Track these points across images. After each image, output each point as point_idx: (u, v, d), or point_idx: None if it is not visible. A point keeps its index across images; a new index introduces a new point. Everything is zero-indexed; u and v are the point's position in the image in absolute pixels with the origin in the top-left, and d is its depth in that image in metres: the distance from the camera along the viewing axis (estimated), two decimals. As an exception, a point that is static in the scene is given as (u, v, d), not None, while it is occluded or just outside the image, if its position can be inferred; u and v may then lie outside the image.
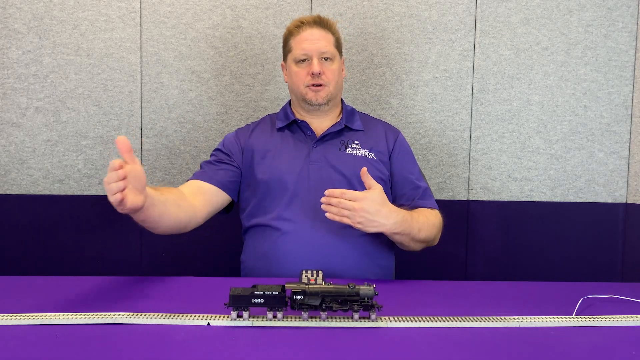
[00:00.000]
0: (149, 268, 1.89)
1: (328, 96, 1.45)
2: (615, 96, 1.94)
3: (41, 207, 1.87)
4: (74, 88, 1.87)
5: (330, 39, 1.46)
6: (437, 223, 1.43)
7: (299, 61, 1.45)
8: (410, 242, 1.36)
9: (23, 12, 1.84)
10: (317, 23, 1.46)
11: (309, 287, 0.93)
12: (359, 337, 0.89)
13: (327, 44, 1.45)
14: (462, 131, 1.93)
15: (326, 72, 1.44)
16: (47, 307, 0.99)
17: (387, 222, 1.26)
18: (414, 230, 1.33)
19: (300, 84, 1.45)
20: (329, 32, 1.47)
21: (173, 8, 1.88)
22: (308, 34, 1.45)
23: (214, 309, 0.98)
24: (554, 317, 0.99)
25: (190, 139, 1.90)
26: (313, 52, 1.43)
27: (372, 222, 1.24)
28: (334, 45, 1.47)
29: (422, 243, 1.39)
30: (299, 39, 1.45)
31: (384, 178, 1.45)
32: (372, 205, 1.23)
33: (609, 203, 1.96)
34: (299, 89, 1.46)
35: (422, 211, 1.42)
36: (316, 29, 1.45)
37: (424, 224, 1.36)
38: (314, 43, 1.44)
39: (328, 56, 1.45)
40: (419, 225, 1.35)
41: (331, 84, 1.45)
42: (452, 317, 0.97)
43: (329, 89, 1.44)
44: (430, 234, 1.39)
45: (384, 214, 1.25)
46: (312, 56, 1.43)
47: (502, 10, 1.91)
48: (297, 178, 1.40)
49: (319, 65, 1.42)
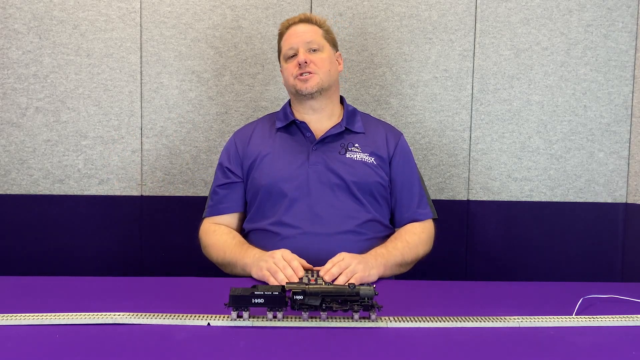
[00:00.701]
0: (149, 268, 1.89)
1: (318, 84, 1.44)
2: (615, 96, 1.94)
3: (41, 207, 1.87)
4: (74, 88, 1.87)
5: (317, 31, 1.48)
6: (424, 239, 1.44)
7: (288, 58, 1.47)
8: (400, 268, 1.38)
9: (23, 12, 1.84)
10: (303, 20, 1.49)
11: (309, 287, 0.93)
12: (359, 337, 0.89)
13: (312, 35, 1.47)
14: (462, 131, 1.93)
15: (314, 61, 1.44)
16: (47, 307, 0.98)
17: (374, 261, 1.27)
18: (398, 259, 1.35)
19: (290, 77, 1.46)
20: (316, 25, 1.49)
21: (173, 8, 1.88)
22: (293, 30, 1.48)
23: (214, 309, 0.98)
24: (554, 317, 0.99)
25: (190, 139, 1.90)
26: (299, 44, 1.45)
27: (369, 270, 1.24)
28: (323, 37, 1.49)
29: (411, 264, 1.41)
30: (286, 37, 1.49)
31: (384, 183, 1.45)
32: (351, 255, 1.24)
33: (609, 203, 1.96)
34: (290, 83, 1.47)
35: (402, 234, 1.42)
36: (301, 25, 1.48)
37: (404, 249, 1.37)
38: (299, 36, 1.46)
39: (315, 47, 1.46)
40: (398, 252, 1.35)
41: (320, 71, 1.44)
42: (452, 317, 0.97)
43: (318, 76, 1.44)
44: (416, 254, 1.41)
45: (366, 259, 1.26)
46: (298, 47, 1.45)
47: (502, 10, 1.91)
48: (297, 182, 1.40)
49: (305, 55, 1.43)
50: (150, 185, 1.90)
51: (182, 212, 1.89)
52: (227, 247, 1.37)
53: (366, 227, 1.39)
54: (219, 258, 1.39)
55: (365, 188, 1.41)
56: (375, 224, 1.42)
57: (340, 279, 1.18)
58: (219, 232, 1.43)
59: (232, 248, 1.36)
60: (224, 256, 1.37)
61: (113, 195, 1.88)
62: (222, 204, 1.47)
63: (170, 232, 1.89)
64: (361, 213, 1.40)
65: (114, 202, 1.88)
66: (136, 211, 1.89)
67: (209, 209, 1.49)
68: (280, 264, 1.20)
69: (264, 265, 1.22)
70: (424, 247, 1.44)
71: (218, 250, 1.39)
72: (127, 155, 1.89)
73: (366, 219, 1.39)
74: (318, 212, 1.37)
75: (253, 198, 1.44)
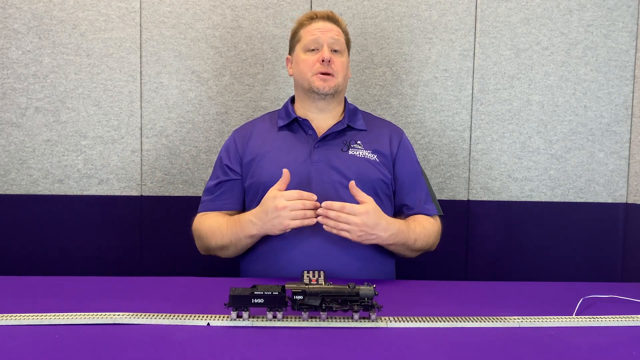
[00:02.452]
0: (149, 268, 1.89)
1: (335, 87, 1.43)
2: (615, 96, 1.94)
3: (41, 207, 1.87)
4: (74, 88, 1.87)
5: (341, 33, 1.47)
6: (435, 231, 1.44)
7: (309, 50, 1.45)
8: (405, 251, 1.37)
9: (23, 12, 1.84)
10: (330, 18, 1.48)
11: (309, 287, 0.93)
12: (359, 337, 0.89)
13: (338, 35, 1.45)
14: (462, 131, 1.93)
15: (336, 62, 1.43)
16: (47, 307, 0.98)
17: (384, 234, 1.27)
18: (410, 241, 1.35)
19: (307, 71, 1.43)
20: (340, 28, 1.48)
21: (173, 8, 1.88)
22: (320, 24, 1.46)
23: (214, 309, 0.98)
24: (554, 317, 0.99)
25: (190, 139, 1.90)
26: (324, 40, 1.43)
27: (371, 235, 1.25)
28: (344, 41, 1.48)
29: (417, 252, 1.41)
30: (309, 29, 1.46)
31: (387, 181, 1.44)
32: (372, 219, 1.24)
33: (609, 203, 1.96)
34: (306, 77, 1.44)
35: (421, 220, 1.42)
36: (328, 22, 1.47)
37: (420, 234, 1.37)
38: (326, 33, 1.44)
39: (338, 48, 1.44)
40: (415, 235, 1.36)
41: (339, 75, 1.44)
42: (452, 317, 0.97)
43: (337, 80, 1.43)
44: (427, 244, 1.40)
45: (383, 227, 1.26)
46: (323, 43, 1.43)
47: (502, 10, 1.91)
48: (298, 180, 1.38)
49: (330, 53, 1.42)
50: (149, 185, 1.90)
51: (182, 212, 1.88)
52: (222, 227, 1.36)
53: None
54: (218, 241, 1.37)
55: (367, 185, 1.40)
56: None
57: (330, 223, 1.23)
58: (209, 218, 1.42)
59: (227, 226, 1.35)
60: (222, 236, 1.36)
61: (113, 195, 1.88)
62: (219, 200, 1.46)
63: (170, 232, 1.89)
64: None
65: (114, 202, 1.88)
66: (136, 211, 1.89)
67: (203, 204, 1.47)
68: (295, 205, 1.23)
69: (278, 221, 1.24)
70: (434, 239, 1.44)
71: (215, 234, 1.37)
72: (127, 155, 1.89)
73: None
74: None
75: (253, 196, 1.43)
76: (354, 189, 1.25)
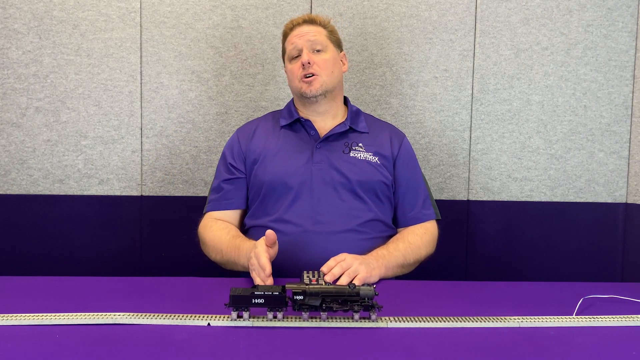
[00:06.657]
0: (149, 268, 1.89)
1: (322, 87, 1.44)
2: (615, 96, 1.94)
3: (41, 207, 1.87)
4: (74, 88, 1.87)
5: (321, 31, 1.48)
6: (426, 240, 1.44)
7: (292, 58, 1.47)
8: (404, 269, 1.38)
9: (23, 12, 1.84)
10: (307, 21, 1.49)
11: (309, 287, 0.93)
12: (359, 338, 0.89)
13: (316, 35, 1.46)
14: (462, 131, 1.93)
15: (317, 62, 1.44)
16: (47, 307, 0.99)
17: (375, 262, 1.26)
18: (400, 260, 1.34)
19: (294, 78, 1.46)
20: (320, 26, 1.49)
21: (173, 8, 1.88)
22: (297, 31, 1.47)
23: (214, 309, 0.98)
24: (554, 317, 0.99)
25: (190, 139, 1.90)
26: (302, 44, 1.45)
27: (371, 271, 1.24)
28: (326, 37, 1.48)
29: (414, 265, 1.41)
30: (289, 38, 1.48)
31: (387, 182, 1.44)
32: (355, 258, 1.23)
33: (609, 203, 1.96)
34: (295, 85, 1.46)
35: (404, 235, 1.42)
36: (305, 26, 1.48)
37: (406, 250, 1.37)
38: (303, 36, 1.46)
39: (319, 47, 1.45)
40: (399, 253, 1.35)
41: (323, 73, 1.44)
42: (452, 317, 0.97)
43: (321, 78, 1.43)
44: (418, 255, 1.40)
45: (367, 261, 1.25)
46: (302, 48, 1.45)
47: (502, 10, 1.91)
48: (300, 180, 1.39)
49: (308, 55, 1.43)
50: (150, 185, 1.90)
51: (182, 212, 1.89)
52: (223, 245, 1.36)
53: (368, 227, 1.39)
54: (217, 257, 1.39)
55: (368, 187, 1.41)
56: (378, 224, 1.42)
57: (343, 279, 1.18)
58: (214, 227, 1.42)
59: (227, 247, 1.35)
60: (222, 255, 1.37)
61: (113, 195, 1.88)
62: (226, 199, 1.47)
63: (170, 232, 1.89)
64: (363, 212, 1.39)
65: (114, 202, 1.88)
66: (136, 211, 1.89)
67: (211, 204, 1.48)
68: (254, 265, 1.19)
69: (250, 267, 1.22)
70: (426, 249, 1.44)
71: (215, 249, 1.38)
72: (127, 155, 1.89)
73: (368, 218, 1.39)
74: (320, 210, 1.37)
75: (256, 194, 1.44)
76: None
